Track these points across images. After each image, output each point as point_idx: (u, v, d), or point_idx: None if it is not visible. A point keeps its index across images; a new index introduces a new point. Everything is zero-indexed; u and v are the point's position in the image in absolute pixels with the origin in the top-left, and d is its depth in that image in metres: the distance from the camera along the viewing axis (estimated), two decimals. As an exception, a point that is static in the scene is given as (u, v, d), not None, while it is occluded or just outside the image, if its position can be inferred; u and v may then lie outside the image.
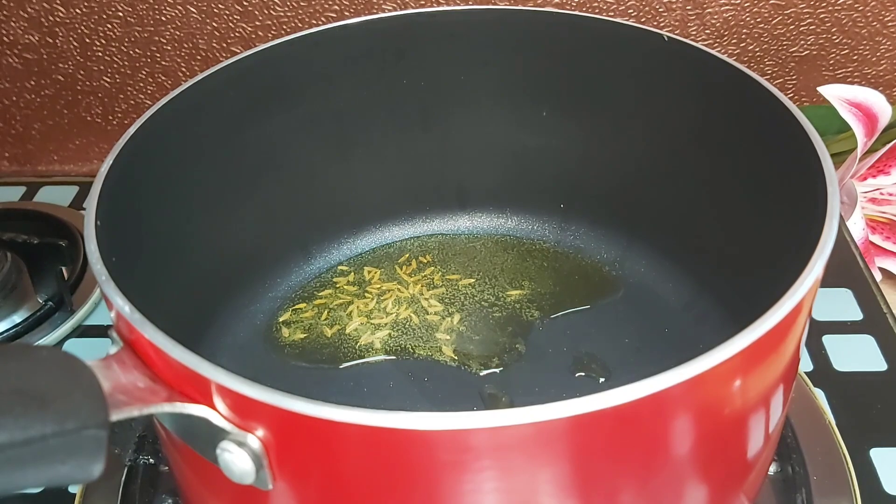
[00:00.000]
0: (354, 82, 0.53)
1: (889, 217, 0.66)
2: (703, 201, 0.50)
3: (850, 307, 0.58)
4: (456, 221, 0.61)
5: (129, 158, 0.41)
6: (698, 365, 0.28)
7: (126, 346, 0.32)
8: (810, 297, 0.33)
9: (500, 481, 0.29)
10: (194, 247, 0.48)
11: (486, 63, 0.53)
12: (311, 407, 0.27)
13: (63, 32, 0.74)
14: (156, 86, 0.77)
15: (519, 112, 0.55)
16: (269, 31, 0.73)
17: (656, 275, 0.55)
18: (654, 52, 0.48)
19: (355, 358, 0.52)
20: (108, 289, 0.33)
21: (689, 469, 0.33)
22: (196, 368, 0.29)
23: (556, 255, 0.58)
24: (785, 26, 0.71)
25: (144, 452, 0.49)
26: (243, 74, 0.48)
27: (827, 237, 0.33)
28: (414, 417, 0.27)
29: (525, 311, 0.54)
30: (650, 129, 0.52)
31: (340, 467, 0.30)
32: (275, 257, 0.57)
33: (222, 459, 0.30)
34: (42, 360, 0.28)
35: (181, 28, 0.73)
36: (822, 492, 0.46)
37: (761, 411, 0.35)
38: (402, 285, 0.57)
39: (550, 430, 0.27)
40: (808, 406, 0.51)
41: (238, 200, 0.51)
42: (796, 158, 0.39)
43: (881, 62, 0.73)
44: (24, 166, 0.83)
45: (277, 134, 0.52)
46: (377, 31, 0.52)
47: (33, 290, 0.62)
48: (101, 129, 0.80)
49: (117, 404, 0.28)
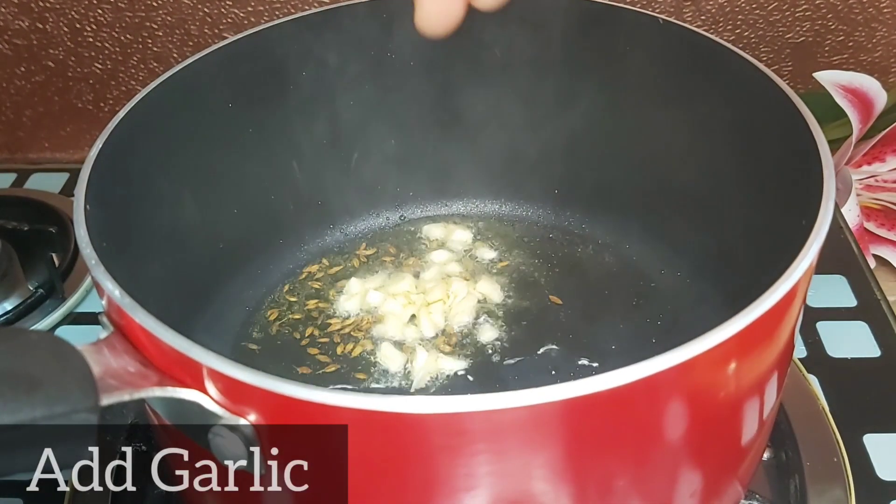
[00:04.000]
0: (347, 67, 0.52)
1: (884, 204, 0.66)
2: (700, 186, 0.50)
3: (844, 294, 0.58)
4: (450, 206, 0.61)
5: (118, 142, 0.40)
6: (691, 349, 0.28)
7: (117, 331, 0.32)
8: (805, 281, 0.33)
9: (494, 465, 0.29)
10: (185, 232, 0.48)
11: (483, 47, 0.53)
12: (303, 391, 0.27)
13: (53, 18, 0.73)
14: (147, 72, 0.76)
15: (513, 96, 0.55)
16: (261, 16, 0.72)
17: (651, 259, 0.55)
18: (649, 36, 0.48)
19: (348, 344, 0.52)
20: (98, 273, 0.32)
21: (682, 454, 0.33)
22: (187, 353, 0.29)
23: (551, 240, 0.58)
24: (780, 12, 0.71)
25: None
26: (234, 58, 0.48)
27: (822, 221, 0.33)
28: (407, 401, 0.27)
29: (517, 296, 0.54)
30: (644, 113, 0.51)
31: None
32: (267, 243, 0.56)
33: (214, 444, 0.30)
34: (32, 344, 0.28)
35: (173, 13, 0.72)
36: (816, 477, 0.46)
37: (755, 397, 0.35)
38: (394, 272, 0.57)
39: (544, 414, 0.27)
40: (801, 392, 0.51)
41: (229, 185, 0.51)
42: (793, 143, 0.39)
43: (877, 49, 0.72)
44: (15, 153, 0.83)
45: (269, 118, 0.52)
46: (369, 15, 0.51)
47: (24, 278, 0.62)
48: (92, 115, 0.79)
49: (108, 388, 0.28)
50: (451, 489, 0.30)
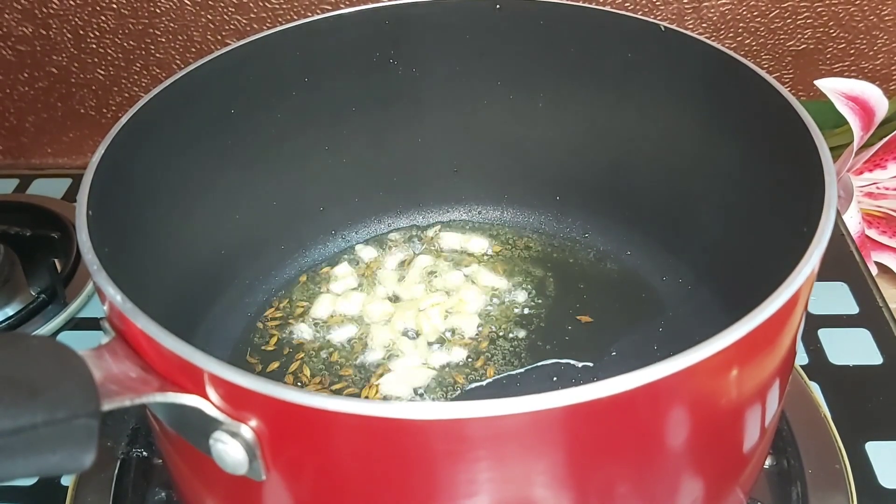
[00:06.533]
0: (349, 72, 0.53)
1: (885, 211, 0.66)
2: (701, 193, 0.50)
3: (845, 301, 0.58)
4: (451, 213, 0.61)
5: (121, 148, 0.41)
6: (693, 356, 0.28)
7: (118, 336, 0.32)
8: (806, 288, 0.33)
9: (495, 471, 0.29)
10: (187, 238, 0.48)
11: (481, 53, 0.53)
12: (304, 397, 0.27)
13: (57, 24, 0.74)
14: (150, 78, 0.77)
15: (515, 102, 0.55)
16: (263, 23, 0.73)
17: (653, 266, 0.55)
18: (650, 43, 0.48)
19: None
20: (99, 278, 0.32)
21: (684, 461, 0.33)
22: (189, 358, 0.29)
23: (553, 246, 0.58)
24: (782, 20, 0.71)
25: (137, 445, 0.49)
26: (237, 65, 0.48)
27: (824, 228, 0.33)
28: (408, 407, 0.27)
29: (520, 304, 0.54)
30: (646, 120, 0.52)
31: (334, 457, 0.30)
32: (268, 249, 0.56)
33: (215, 450, 0.30)
34: (33, 349, 0.28)
35: (176, 20, 0.73)
36: (818, 485, 0.46)
37: (757, 404, 0.35)
38: (394, 277, 0.57)
39: (545, 421, 0.27)
40: (803, 399, 0.51)
41: (231, 191, 0.51)
42: (794, 150, 0.39)
43: (878, 56, 0.73)
44: (18, 159, 0.83)
45: (271, 124, 0.52)
46: (372, 21, 0.51)
47: (26, 283, 0.62)
48: (95, 121, 0.80)
49: (109, 394, 0.28)
50: (453, 495, 0.30)
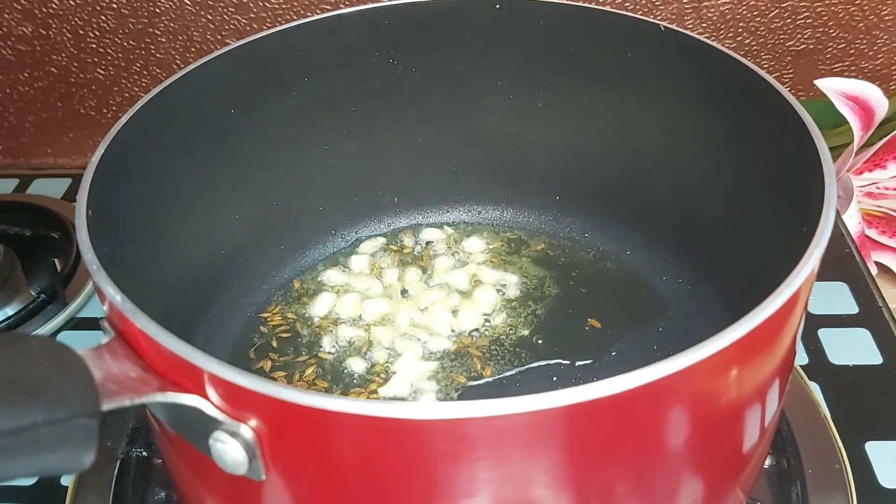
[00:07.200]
0: (349, 72, 0.53)
1: (885, 211, 0.66)
2: (701, 193, 0.50)
3: (845, 301, 0.58)
4: (451, 213, 0.61)
5: (121, 148, 0.41)
6: (692, 355, 0.28)
7: (118, 336, 0.32)
8: (806, 288, 0.33)
9: (495, 471, 0.29)
10: (187, 237, 0.48)
11: (481, 53, 0.53)
12: (304, 397, 0.27)
13: (56, 24, 0.74)
14: (150, 78, 0.77)
15: (515, 102, 0.55)
16: (263, 22, 0.73)
17: (653, 266, 0.55)
18: (650, 43, 0.48)
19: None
20: (99, 278, 0.32)
21: (684, 460, 0.33)
22: (188, 358, 0.29)
23: (552, 246, 0.58)
24: (782, 20, 0.71)
25: (137, 445, 0.49)
26: (236, 64, 0.48)
27: (824, 228, 0.33)
28: (408, 407, 0.27)
29: (519, 302, 0.54)
30: (646, 120, 0.51)
31: (334, 457, 0.30)
32: (268, 249, 0.56)
33: (215, 450, 0.30)
34: (33, 349, 0.28)
35: (176, 20, 0.73)
36: (818, 485, 0.46)
37: (757, 404, 0.35)
38: (394, 277, 0.57)
39: (545, 420, 0.27)
40: (803, 399, 0.51)
41: (231, 191, 0.51)
42: (794, 150, 0.39)
43: (878, 56, 0.73)
44: (18, 159, 0.83)
45: (271, 124, 0.52)
46: (372, 21, 0.51)
47: (26, 283, 0.62)
48: (95, 121, 0.80)
49: (108, 394, 0.28)
50: (453, 495, 0.30)
